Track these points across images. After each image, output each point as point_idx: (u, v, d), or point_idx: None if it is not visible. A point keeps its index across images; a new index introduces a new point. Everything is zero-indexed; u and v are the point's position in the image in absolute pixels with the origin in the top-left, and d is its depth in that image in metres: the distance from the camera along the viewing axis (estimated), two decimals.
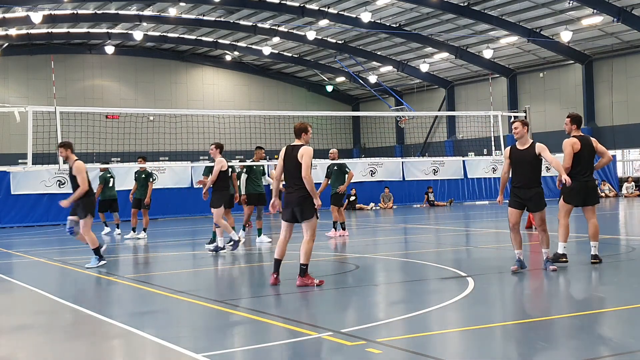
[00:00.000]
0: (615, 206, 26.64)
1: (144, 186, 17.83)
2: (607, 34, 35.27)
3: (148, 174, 18.02)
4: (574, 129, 10.33)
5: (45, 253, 15.07)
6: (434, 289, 8.93)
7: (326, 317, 7.54)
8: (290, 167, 9.18)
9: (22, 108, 13.37)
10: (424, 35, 38.73)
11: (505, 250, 9.82)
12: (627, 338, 6.23)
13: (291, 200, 9.14)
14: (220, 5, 35.59)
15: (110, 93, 44.62)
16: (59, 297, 9.20)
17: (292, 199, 9.13)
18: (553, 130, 39.26)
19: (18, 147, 32.47)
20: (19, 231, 22.40)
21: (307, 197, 9.08)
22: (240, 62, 48.10)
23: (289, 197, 9.19)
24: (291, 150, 9.23)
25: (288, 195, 9.21)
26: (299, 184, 9.09)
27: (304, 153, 9.07)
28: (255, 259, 13.28)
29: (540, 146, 9.78)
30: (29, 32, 40.17)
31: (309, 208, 9.10)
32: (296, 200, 9.09)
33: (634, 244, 13.56)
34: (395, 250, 14.03)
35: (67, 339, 6.98)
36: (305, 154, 9.06)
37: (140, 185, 17.94)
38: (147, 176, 17.97)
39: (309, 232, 9.13)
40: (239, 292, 9.69)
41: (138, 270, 12.54)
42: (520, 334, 6.54)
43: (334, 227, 16.64)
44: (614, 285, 9.00)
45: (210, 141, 14.81)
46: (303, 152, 9.08)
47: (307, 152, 9.08)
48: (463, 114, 40.33)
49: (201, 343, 6.38)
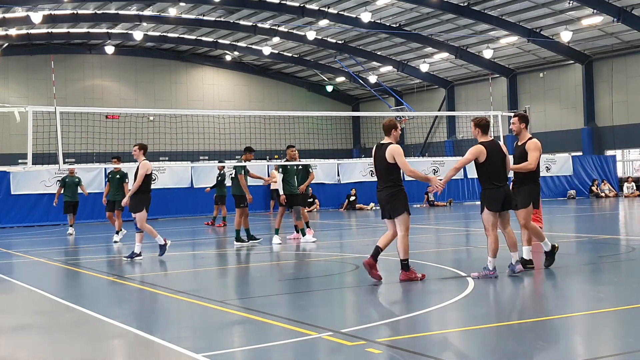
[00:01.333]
0: (615, 206, 26.64)
1: (119, 188, 17.23)
2: (607, 34, 35.27)
3: (123, 175, 17.35)
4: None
5: (45, 253, 15.07)
6: (434, 289, 8.93)
7: (326, 317, 7.54)
8: (379, 166, 9.37)
9: (22, 108, 13.35)
10: (424, 35, 38.73)
11: (505, 250, 9.81)
12: (627, 338, 6.23)
13: (381, 198, 9.39)
14: (220, 5, 35.59)
15: (110, 93, 44.61)
16: (59, 297, 9.21)
17: (382, 197, 9.37)
18: (553, 130, 39.34)
19: (18, 147, 32.48)
20: (19, 231, 22.40)
21: (395, 194, 9.27)
22: (240, 62, 48.10)
23: (379, 196, 9.42)
24: (379, 148, 9.41)
25: (378, 194, 9.43)
26: (387, 182, 9.32)
27: (394, 153, 9.19)
28: (255, 259, 13.28)
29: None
30: (29, 32, 40.17)
31: (398, 204, 9.29)
32: (385, 198, 9.33)
33: (634, 244, 13.55)
34: (395, 250, 13.99)
35: (67, 339, 6.98)
36: (395, 154, 9.19)
37: (114, 186, 17.32)
38: (122, 177, 17.33)
39: (402, 228, 9.33)
40: (239, 292, 9.69)
41: (138, 270, 12.53)
42: (520, 334, 6.54)
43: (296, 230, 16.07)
44: (613, 285, 9.00)
45: (211, 141, 14.76)
46: (392, 152, 9.21)
47: (396, 152, 9.22)
48: (463, 114, 40.33)
49: (201, 343, 6.38)
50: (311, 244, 14.91)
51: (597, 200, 30.69)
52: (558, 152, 36.68)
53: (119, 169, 17.32)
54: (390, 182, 9.30)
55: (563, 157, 34.59)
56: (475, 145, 9.54)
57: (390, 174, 9.31)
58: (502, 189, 9.54)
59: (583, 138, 37.97)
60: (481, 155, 9.40)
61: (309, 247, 14.56)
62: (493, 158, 9.43)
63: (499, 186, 9.52)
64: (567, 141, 38.74)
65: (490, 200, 9.49)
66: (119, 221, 17.16)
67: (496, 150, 9.51)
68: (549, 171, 33.14)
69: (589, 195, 33.34)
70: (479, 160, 9.43)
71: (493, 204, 9.50)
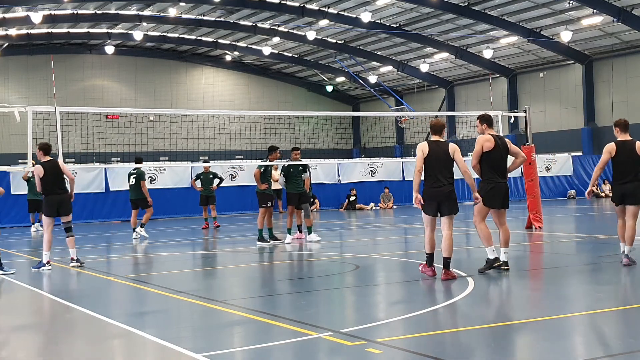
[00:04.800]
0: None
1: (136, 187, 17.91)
2: (607, 34, 35.26)
3: (141, 174, 17.94)
4: (485, 129, 9.83)
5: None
6: (434, 289, 8.92)
7: (326, 317, 7.54)
8: (441, 163, 9.37)
9: (22, 108, 13.36)
10: (424, 35, 38.72)
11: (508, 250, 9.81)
12: (627, 338, 6.22)
13: (441, 194, 9.35)
14: (220, 5, 35.59)
15: (110, 93, 44.61)
16: (59, 297, 9.21)
17: (443, 193, 9.34)
18: (553, 130, 39.35)
19: (18, 147, 32.45)
20: (19, 231, 22.39)
21: (454, 192, 9.41)
22: (240, 62, 48.09)
23: (438, 192, 9.37)
24: (436, 146, 9.41)
25: (437, 190, 9.37)
26: (450, 178, 9.39)
27: (456, 149, 9.38)
28: (255, 259, 13.28)
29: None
30: (29, 32, 40.16)
31: (456, 203, 9.44)
32: (447, 195, 9.34)
33: (634, 244, 13.52)
34: (395, 250, 14.03)
35: (67, 339, 6.98)
36: (457, 150, 9.38)
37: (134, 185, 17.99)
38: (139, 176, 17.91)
39: (450, 226, 9.44)
40: (239, 292, 9.68)
41: (138, 270, 12.53)
42: (520, 334, 6.54)
43: (299, 230, 16.06)
44: (613, 285, 9.00)
45: (211, 141, 14.72)
46: (454, 148, 9.39)
47: (457, 148, 9.41)
48: (463, 114, 40.25)
49: (201, 343, 6.38)
50: (314, 244, 14.90)
51: (597, 201, 30.68)
52: (558, 152, 36.67)
53: (139, 168, 17.78)
54: (451, 179, 9.44)
55: (563, 157, 34.59)
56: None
57: (451, 170, 9.45)
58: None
59: (583, 138, 37.97)
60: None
61: (309, 247, 14.56)
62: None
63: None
64: (567, 141, 38.73)
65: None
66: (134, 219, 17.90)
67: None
68: (549, 171, 33.14)
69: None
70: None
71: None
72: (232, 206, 27.19)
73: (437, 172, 9.40)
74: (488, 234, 9.67)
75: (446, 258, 9.34)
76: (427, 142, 9.48)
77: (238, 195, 27.47)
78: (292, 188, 15.45)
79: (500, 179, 9.67)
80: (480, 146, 9.63)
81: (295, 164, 15.60)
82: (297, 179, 15.50)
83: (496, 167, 9.66)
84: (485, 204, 9.64)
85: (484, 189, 9.64)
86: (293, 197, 15.41)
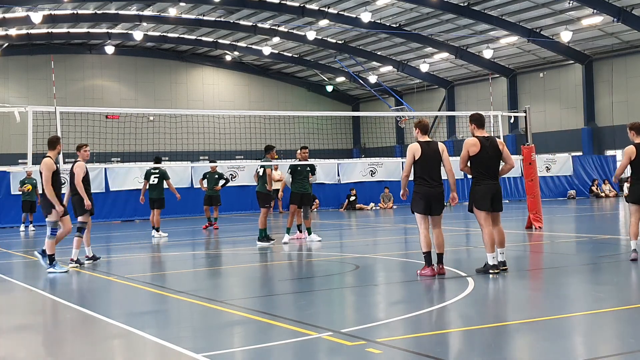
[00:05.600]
0: (615, 206, 26.64)
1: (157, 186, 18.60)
2: (607, 34, 35.27)
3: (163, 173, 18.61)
4: (474, 129, 9.68)
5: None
6: (434, 289, 8.92)
7: (326, 317, 7.54)
8: (433, 163, 9.53)
9: (22, 108, 13.36)
10: (424, 35, 38.73)
11: (505, 250, 9.81)
12: (627, 338, 6.22)
13: (433, 194, 9.53)
14: (220, 5, 35.60)
15: (110, 93, 44.62)
16: (59, 297, 9.21)
17: (436, 193, 9.55)
18: (553, 130, 39.36)
19: (18, 147, 32.48)
20: (19, 231, 22.40)
21: (443, 193, 9.69)
22: (240, 62, 48.10)
23: (431, 191, 9.52)
24: (427, 146, 9.54)
25: (430, 189, 9.51)
26: (440, 179, 9.61)
27: (444, 149, 9.63)
28: (255, 259, 13.28)
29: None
30: (29, 32, 40.17)
31: (443, 202, 9.72)
32: (437, 196, 9.56)
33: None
34: (395, 250, 14.03)
35: (67, 339, 6.98)
36: (445, 149, 9.64)
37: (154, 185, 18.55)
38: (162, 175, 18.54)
39: (440, 224, 9.71)
40: (239, 292, 9.68)
41: (138, 270, 12.53)
42: (520, 334, 6.54)
43: (299, 230, 16.07)
44: (613, 285, 9.00)
45: (211, 141, 14.71)
46: (443, 147, 9.65)
47: (445, 148, 9.66)
48: (463, 114, 40.26)
49: (201, 343, 6.38)
50: (314, 244, 14.89)
51: (597, 200, 30.68)
52: (558, 152, 36.68)
53: (159, 167, 18.17)
54: (440, 179, 9.66)
55: (563, 157, 34.58)
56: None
57: (439, 170, 9.66)
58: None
59: (583, 138, 37.97)
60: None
61: (309, 246, 14.56)
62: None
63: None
64: (567, 141, 38.73)
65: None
66: (157, 218, 18.31)
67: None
68: (549, 171, 33.13)
69: (589, 195, 33.33)
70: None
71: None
72: (232, 206, 27.16)
73: (429, 172, 9.55)
74: (489, 240, 9.52)
75: (439, 254, 9.60)
76: (418, 143, 9.53)
77: (238, 195, 27.45)
78: (297, 187, 15.39)
79: (490, 180, 9.58)
80: (466, 151, 9.59)
81: (303, 164, 15.54)
82: (303, 179, 15.45)
83: (485, 169, 9.58)
84: (475, 206, 9.64)
85: (473, 191, 9.63)
86: (297, 196, 15.36)
